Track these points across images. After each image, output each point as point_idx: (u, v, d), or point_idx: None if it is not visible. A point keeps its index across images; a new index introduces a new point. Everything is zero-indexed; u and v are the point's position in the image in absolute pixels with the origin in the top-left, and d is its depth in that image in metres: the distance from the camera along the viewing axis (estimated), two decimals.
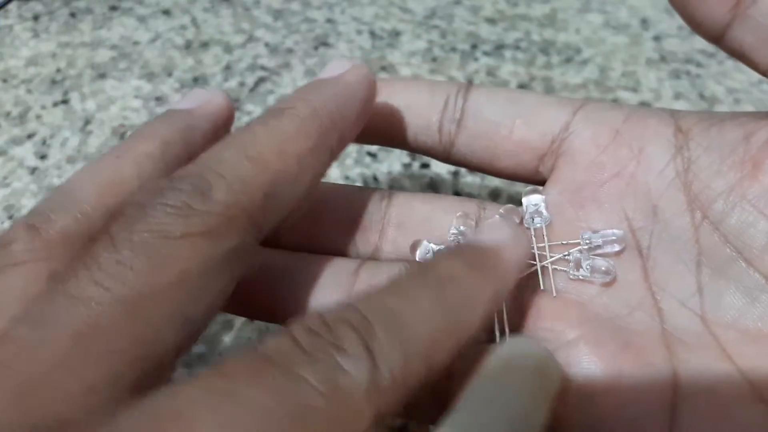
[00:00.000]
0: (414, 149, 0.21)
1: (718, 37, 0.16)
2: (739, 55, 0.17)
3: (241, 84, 0.37)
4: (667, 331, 0.17)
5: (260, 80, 0.37)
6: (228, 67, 0.38)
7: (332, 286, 0.19)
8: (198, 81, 0.37)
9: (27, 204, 0.30)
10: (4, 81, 0.36)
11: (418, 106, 0.20)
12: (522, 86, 0.37)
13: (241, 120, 0.34)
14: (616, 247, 0.18)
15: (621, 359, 0.16)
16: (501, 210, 0.19)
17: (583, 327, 0.17)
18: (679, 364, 0.16)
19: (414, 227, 0.20)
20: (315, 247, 0.20)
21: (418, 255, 0.19)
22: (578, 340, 0.17)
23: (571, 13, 0.42)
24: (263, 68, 0.38)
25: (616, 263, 0.18)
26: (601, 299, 0.18)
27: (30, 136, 0.33)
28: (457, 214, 0.20)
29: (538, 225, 0.19)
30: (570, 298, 0.18)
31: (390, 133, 0.20)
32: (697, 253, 0.17)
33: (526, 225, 0.19)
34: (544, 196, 0.19)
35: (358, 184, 0.31)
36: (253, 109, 0.35)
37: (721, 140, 0.17)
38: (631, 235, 0.18)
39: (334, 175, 0.31)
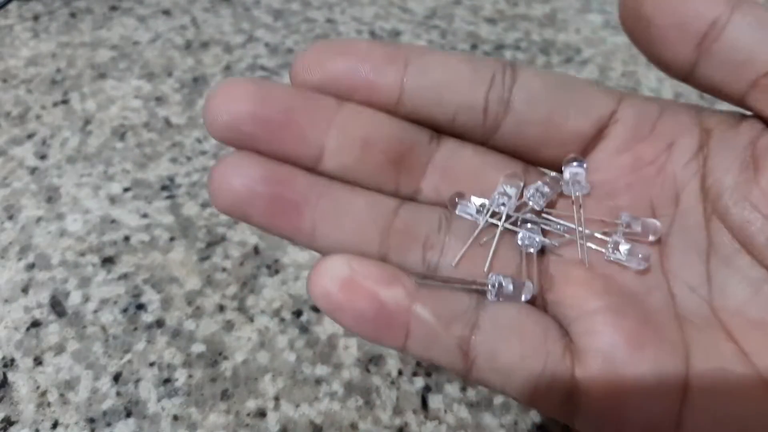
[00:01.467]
0: (450, 131, 0.19)
1: (687, 76, 0.17)
2: (711, 90, 0.17)
3: None
4: (679, 314, 0.17)
5: None
6: (228, 67, 0.38)
7: (370, 223, 0.18)
8: (198, 81, 0.37)
9: (27, 204, 0.30)
10: (4, 81, 0.36)
11: (460, 83, 0.18)
12: None
13: None
14: (652, 238, 0.18)
15: (642, 333, 0.17)
16: (546, 178, 0.19)
17: (607, 298, 0.17)
18: (691, 343, 0.17)
19: (459, 176, 0.19)
20: (356, 176, 0.19)
21: (459, 210, 0.19)
22: (602, 309, 0.17)
23: (571, 13, 0.42)
24: (263, 68, 0.38)
25: (637, 247, 0.18)
26: (623, 276, 0.18)
27: (30, 136, 0.33)
28: (507, 173, 0.19)
29: (578, 193, 0.19)
30: (596, 271, 0.18)
31: (425, 112, 0.18)
32: (707, 244, 0.18)
33: (565, 192, 0.19)
34: (585, 165, 0.19)
35: None
36: None
37: (734, 142, 0.18)
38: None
39: None
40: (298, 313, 0.26)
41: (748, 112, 0.18)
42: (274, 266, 0.28)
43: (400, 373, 0.24)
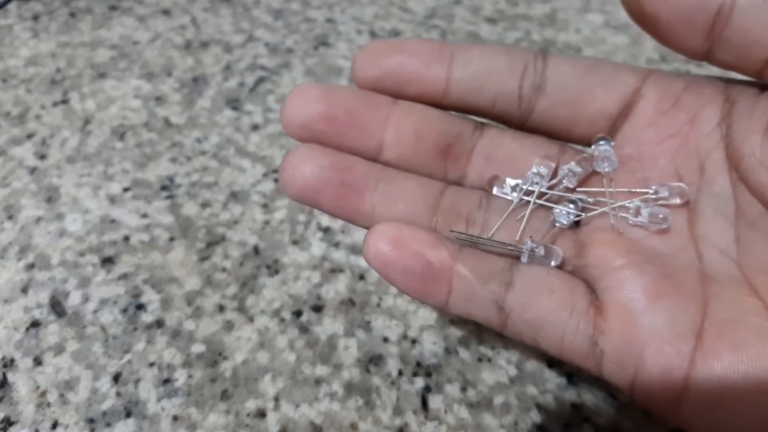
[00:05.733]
0: (491, 116, 0.22)
1: (704, 59, 0.18)
2: (729, 68, 0.18)
3: (241, 84, 0.37)
4: (705, 272, 0.19)
5: (260, 80, 0.37)
6: (228, 67, 0.38)
7: (420, 201, 0.20)
8: (198, 81, 0.37)
9: (27, 204, 0.30)
10: (4, 81, 0.36)
11: (497, 72, 0.21)
12: None
13: (240, 120, 0.34)
14: (678, 200, 0.20)
15: (660, 286, 0.18)
16: (577, 158, 0.21)
17: (630, 257, 0.19)
18: (711, 297, 0.18)
19: (500, 161, 0.21)
20: (411, 165, 0.21)
21: (495, 190, 0.21)
22: (624, 266, 0.19)
23: (571, 12, 0.42)
24: (263, 68, 0.38)
25: (657, 209, 0.20)
26: (649, 240, 0.20)
27: (30, 136, 0.33)
28: (540, 155, 0.21)
29: (607, 169, 0.21)
30: (623, 236, 0.20)
31: (468, 100, 0.21)
32: (735, 209, 0.19)
33: (596, 169, 0.21)
34: (613, 143, 0.21)
35: None
36: (253, 109, 0.35)
37: (754, 110, 0.18)
38: None
39: None
40: (298, 313, 0.26)
41: None
42: (274, 266, 0.28)
43: (400, 373, 0.24)
